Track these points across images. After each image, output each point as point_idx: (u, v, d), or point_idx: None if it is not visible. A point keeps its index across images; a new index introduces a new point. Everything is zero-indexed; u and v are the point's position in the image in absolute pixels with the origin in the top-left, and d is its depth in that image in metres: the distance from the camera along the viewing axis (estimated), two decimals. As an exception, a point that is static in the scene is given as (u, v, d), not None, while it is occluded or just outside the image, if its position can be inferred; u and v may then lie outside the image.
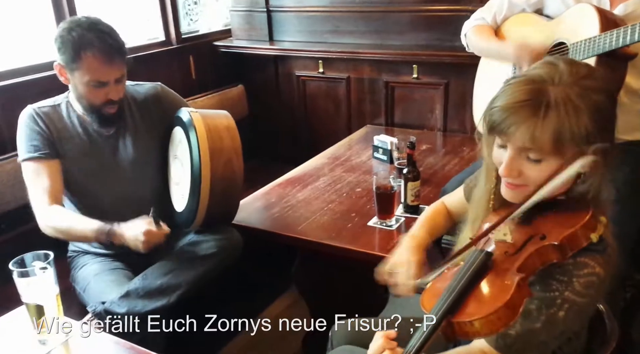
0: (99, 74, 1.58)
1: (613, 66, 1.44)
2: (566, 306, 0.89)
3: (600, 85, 0.90)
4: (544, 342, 0.93)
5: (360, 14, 2.84)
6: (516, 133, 0.88)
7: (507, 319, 0.82)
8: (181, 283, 1.60)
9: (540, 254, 0.88)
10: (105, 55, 1.56)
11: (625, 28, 1.35)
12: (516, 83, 0.91)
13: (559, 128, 0.85)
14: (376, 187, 1.74)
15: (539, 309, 0.91)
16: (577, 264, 0.90)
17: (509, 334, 0.92)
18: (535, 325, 0.91)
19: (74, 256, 1.81)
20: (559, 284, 0.90)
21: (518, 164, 0.91)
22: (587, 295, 0.90)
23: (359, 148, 2.51)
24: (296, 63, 3.05)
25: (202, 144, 1.60)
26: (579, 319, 0.94)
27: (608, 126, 0.91)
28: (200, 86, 3.00)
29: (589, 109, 0.86)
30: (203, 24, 3.19)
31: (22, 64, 2.25)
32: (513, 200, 0.97)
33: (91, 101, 1.63)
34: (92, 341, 1.20)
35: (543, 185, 0.90)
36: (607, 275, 0.91)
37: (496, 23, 1.83)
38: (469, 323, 0.83)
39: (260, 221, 1.90)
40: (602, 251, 0.90)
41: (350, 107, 2.98)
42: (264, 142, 3.24)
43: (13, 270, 1.12)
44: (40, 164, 1.63)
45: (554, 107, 0.85)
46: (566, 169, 0.88)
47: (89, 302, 1.61)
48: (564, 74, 0.89)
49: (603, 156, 0.89)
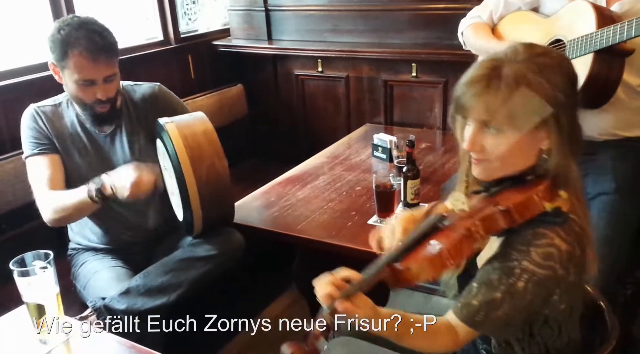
0: (85, 73, 1.58)
1: (610, 63, 1.45)
2: (525, 276, 0.92)
3: (555, 63, 0.94)
4: (507, 315, 0.94)
5: (359, 13, 2.84)
6: (473, 106, 0.94)
7: (441, 267, 0.90)
8: (182, 282, 1.60)
9: (489, 218, 0.92)
10: (91, 53, 1.56)
11: (622, 24, 1.35)
12: (479, 62, 0.97)
13: (508, 98, 0.90)
14: (376, 185, 1.74)
15: (499, 279, 0.94)
16: (535, 235, 0.93)
17: (471, 304, 0.96)
18: (496, 294, 0.94)
19: (74, 254, 1.82)
20: (517, 253, 0.93)
21: (480, 138, 0.96)
22: (546, 267, 0.91)
23: (359, 147, 2.51)
24: (295, 62, 3.05)
25: (181, 155, 1.58)
26: (541, 294, 0.94)
27: (565, 104, 0.93)
28: (199, 86, 3.00)
29: (540, 83, 0.91)
30: (201, 23, 3.19)
31: (21, 64, 2.25)
32: (480, 176, 1.01)
33: (82, 100, 1.64)
34: (93, 340, 1.21)
35: (506, 158, 0.95)
36: (571, 249, 0.92)
37: (492, 21, 1.83)
38: (406, 269, 0.92)
39: (260, 220, 1.90)
40: (561, 223, 0.92)
41: (350, 106, 2.98)
42: (263, 141, 3.24)
43: (13, 269, 1.12)
44: (41, 158, 1.67)
45: (505, 81, 0.91)
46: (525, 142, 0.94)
47: (89, 299, 1.61)
48: (520, 52, 0.94)
49: (562, 133, 0.93)
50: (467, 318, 0.97)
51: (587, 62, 1.45)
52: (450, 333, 1.00)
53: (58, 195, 1.61)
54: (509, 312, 0.94)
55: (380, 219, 1.78)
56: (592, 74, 1.44)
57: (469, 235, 0.91)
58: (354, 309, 0.93)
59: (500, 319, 0.95)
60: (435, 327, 1.01)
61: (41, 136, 1.68)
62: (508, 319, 0.95)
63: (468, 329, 0.98)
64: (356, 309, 0.93)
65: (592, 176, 1.60)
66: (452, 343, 1.00)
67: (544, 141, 0.95)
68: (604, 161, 1.59)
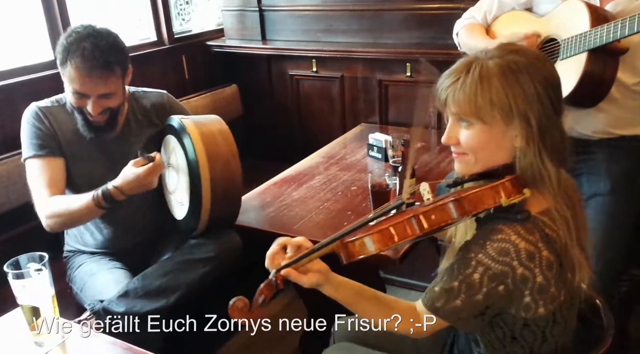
0: (77, 86, 1.55)
1: (605, 61, 1.46)
2: (480, 268, 0.94)
3: (527, 62, 0.95)
4: (463, 305, 0.96)
5: (353, 13, 2.84)
6: (446, 98, 0.98)
7: (383, 244, 0.94)
8: (180, 284, 1.59)
9: (440, 209, 0.93)
10: (86, 69, 1.52)
11: (615, 23, 1.36)
12: (460, 59, 1.01)
13: (473, 91, 0.94)
14: (371, 185, 1.74)
15: (458, 268, 0.97)
16: (493, 230, 0.95)
17: (433, 289, 1.01)
18: (454, 283, 0.97)
19: (69, 256, 1.80)
20: (475, 246, 0.96)
21: (455, 130, 1.00)
22: (502, 262, 0.93)
23: (354, 147, 2.51)
24: (289, 62, 3.05)
25: (198, 149, 1.59)
26: (498, 289, 0.94)
27: (536, 102, 0.94)
28: (193, 86, 2.99)
29: (505, 79, 0.93)
30: (195, 23, 3.18)
31: (13, 65, 2.23)
32: (459, 171, 1.04)
33: (76, 107, 1.61)
34: (89, 342, 1.20)
35: (478, 152, 0.98)
36: (531, 248, 0.93)
37: (487, 22, 1.84)
38: (351, 242, 0.96)
39: (255, 220, 1.90)
40: (521, 221, 0.93)
41: (344, 106, 2.98)
42: (258, 141, 3.23)
43: (8, 272, 1.11)
44: (43, 161, 1.61)
45: (471, 74, 0.95)
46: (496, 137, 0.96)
47: (87, 301, 1.60)
48: (493, 49, 0.98)
49: (531, 131, 0.94)
50: (428, 303, 1.01)
51: (581, 61, 1.46)
52: (412, 315, 1.03)
53: (60, 200, 1.57)
54: (465, 302, 0.97)
55: (377, 219, 1.78)
56: (586, 73, 1.45)
57: (416, 219, 0.93)
58: (297, 275, 1.00)
59: (458, 308, 0.97)
60: (393, 306, 1.06)
61: (46, 136, 1.62)
62: (465, 309, 0.97)
63: (429, 315, 1.01)
64: (300, 276, 1.00)
65: (587, 176, 1.61)
66: (414, 327, 1.03)
67: (516, 138, 0.97)
68: (598, 161, 1.59)
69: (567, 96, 1.49)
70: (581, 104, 1.54)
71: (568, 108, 1.59)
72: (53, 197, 1.57)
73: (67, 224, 1.63)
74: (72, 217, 1.57)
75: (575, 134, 1.62)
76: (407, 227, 0.93)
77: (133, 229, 1.77)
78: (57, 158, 1.63)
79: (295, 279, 1.01)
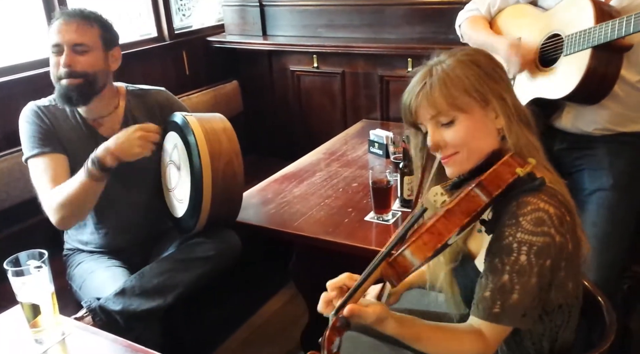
0: (54, 37, 1.57)
1: (608, 58, 1.44)
2: (524, 248, 0.91)
3: (474, 52, 1.03)
4: (521, 297, 0.92)
5: (354, 8, 2.82)
6: (418, 106, 1.00)
7: (433, 244, 0.89)
8: (177, 283, 1.59)
9: (467, 197, 0.92)
10: (67, 17, 1.57)
11: (620, 19, 1.34)
12: (416, 75, 1.03)
13: (444, 86, 0.97)
14: (372, 181, 1.73)
15: (500, 260, 0.93)
16: (519, 204, 0.93)
17: (484, 297, 0.95)
18: (504, 277, 0.93)
19: (69, 254, 1.80)
20: (509, 228, 0.93)
21: (438, 134, 1.01)
22: (541, 233, 0.91)
23: (355, 143, 2.50)
24: (290, 58, 3.03)
25: (202, 146, 1.59)
26: (546, 265, 0.92)
27: (501, 80, 1.00)
28: (194, 82, 2.98)
29: (468, 67, 0.98)
30: (196, 19, 3.17)
31: (12, 62, 2.22)
32: (454, 173, 1.03)
33: (53, 73, 1.60)
34: (88, 339, 1.20)
35: (469, 144, 0.99)
36: (559, 212, 0.92)
37: (490, 14, 1.82)
38: (400, 256, 0.91)
39: (256, 217, 1.90)
40: (539, 186, 0.93)
41: (346, 101, 2.97)
42: (259, 138, 3.23)
43: (8, 269, 1.11)
44: (46, 159, 1.60)
45: (436, 74, 0.99)
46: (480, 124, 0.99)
47: (85, 299, 1.60)
48: (445, 54, 1.03)
49: (508, 107, 0.98)
50: (485, 313, 0.95)
51: (584, 57, 1.44)
52: (476, 335, 0.97)
53: (59, 190, 1.54)
54: (522, 293, 0.92)
55: (377, 216, 1.77)
56: (589, 70, 1.44)
57: (452, 211, 0.91)
58: (360, 309, 0.91)
59: (518, 304, 0.93)
60: (456, 330, 1.00)
61: (46, 134, 1.61)
62: (525, 301, 0.93)
63: (492, 326, 0.95)
64: (362, 308, 0.91)
65: (589, 172, 1.60)
66: (482, 345, 0.96)
67: (496, 120, 1.00)
68: (600, 157, 1.58)
69: (570, 92, 1.48)
70: (584, 100, 1.53)
71: (570, 105, 1.59)
72: (53, 190, 1.55)
73: (75, 212, 1.57)
74: (75, 202, 1.53)
75: (577, 131, 1.62)
76: (447, 221, 0.90)
77: (132, 227, 1.76)
78: (60, 154, 1.62)
79: (360, 313, 0.91)
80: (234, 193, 1.70)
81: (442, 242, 0.89)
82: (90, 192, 1.54)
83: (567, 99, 1.51)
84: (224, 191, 1.63)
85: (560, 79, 1.53)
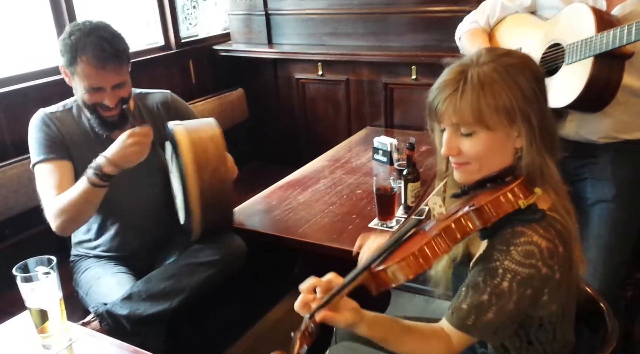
0: (92, 81, 1.57)
1: (610, 66, 1.44)
2: (508, 276, 0.93)
3: (519, 62, 0.97)
4: (496, 317, 0.94)
5: (358, 16, 2.85)
6: (444, 110, 0.97)
7: (417, 267, 0.91)
8: (184, 287, 1.60)
9: (463, 218, 0.92)
10: (99, 61, 1.55)
11: (622, 28, 1.35)
12: (448, 68, 1.00)
13: (476, 99, 0.93)
14: (376, 188, 1.74)
15: (484, 281, 0.95)
16: (514, 234, 0.94)
17: (461, 307, 0.97)
18: (483, 297, 0.95)
19: (76, 260, 1.82)
20: (499, 254, 0.94)
21: (455, 141, 0.99)
22: (528, 265, 0.92)
23: (359, 150, 2.51)
24: (295, 66, 3.06)
25: (187, 159, 1.59)
26: (527, 294, 0.94)
27: (533, 100, 0.96)
28: (200, 90, 3.01)
29: (505, 82, 0.94)
30: (202, 28, 3.20)
31: (23, 70, 2.26)
32: (461, 180, 1.03)
33: (90, 104, 1.63)
34: (95, 345, 1.21)
35: (483, 159, 0.98)
36: (552, 246, 0.93)
37: (489, 25, 1.83)
38: (383, 271, 0.93)
39: (261, 224, 1.91)
40: (538, 219, 0.93)
41: (350, 109, 2.99)
42: (264, 145, 3.25)
43: (16, 275, 1.13)
44: (51, 165, 1.63)
45: (470, 82, 0.94)
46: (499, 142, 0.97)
47: (92, 305, 1.61)
48: (484, 55, 0.98)
49: (532, 129, 0.95)
50: (458, 323, 0.98)
51: (586, 65, 1.45)
52: (443, 339, 1.00)
53: (61, 196, 1.57)
54: (497, 314, 0.94)
55: (381, 222, 1.78)
56: (592, 78, 1.44)
57: (442, 236, 0.92)
58: (332, 316, 0.93)
59: (491, 322, 0.95)
60: (425, 332, 1.02)
61: (54, 141, 1.64)
62: (498, 321, 0.95)
63: (461, 334, 0.98)
64: (335, 315, 0.94)
65: (591, 181, 1.60)
66: (446, 349, 1.00)
67: (517, 139, 0.98)
68: (603, 165, 1.58)
69: (573, 100, 1.49)
70: (587, 108, 1.54)
71: (573, 113, 1.60)
72: (56, 197, 1.58)
73: (74, 218, 1.58)
74: (76, 209, 1.55)
75: (580, 139, 1.62)
76: (436, 246, 0.91)
77: (142, 232, 1.78)
78: (65, 161, 1.65)
79: (331, 320, 0.93)
80: (225, 200, 1.70)
81: (428, 266, 0.91)
82: (91, 199, 1.56)
83: (570, 107, 1.52)
84: (214, 198, 1.64)
85: (563, 87, 1.53)
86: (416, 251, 0.91)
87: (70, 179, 1.63)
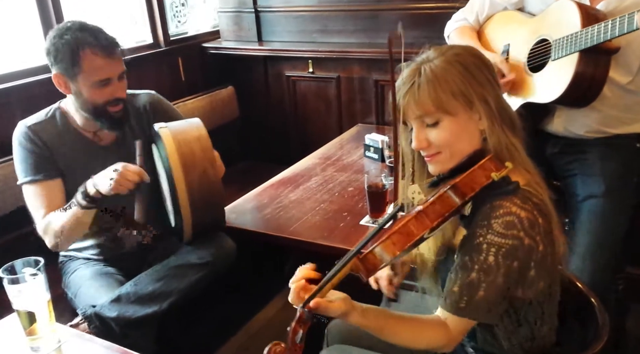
0: (101, 72, 1.55)
1: (596, 61, 1.45)
2: (492, 249, 0.95)
3: (465, 51, 1.05)
4: (487, 294, 0.96)
5: (348, 13, 2.84)
6: (406, 104, 1.02)
7: (402, 243, 0.93)
8: (173, 290, 1.59)
9: (441, 198, 0.95)
10: (105, 49, 1.54)
11: (605, 23, 1.36)
12: (405, 69, 1.05)
13: (432, 88, 0.99)
14: (368, 186, 1.74)
15: (470, 259, 0.97)
16: (492, 207, 0.97)
17: (452, 291, 0.99)
18: (472, 275, 0.97)
19: (65, 262, 1.80)
20: (481, 229, 0.97)
21: (423, 134, 1.03)
22: (510, 236, 0.94)
23: (350, 147, 2.51)
24: (286, 63, 3.05)
25: (173, 161, 1.57)
26: (513, 266, 0.95)
27: (486, 82, 1.02)
28: (189, 88, 2.99)
29: (456, 69, 1.00)
30: (191, 25, 3.18)
31: (6, 70, 2.22)
32: (436, 171, 1.06)
33: (97, 103, 1.58)
34: (84, 346, 1.20)
35: (452, 145, 1.01)
36: (531, 216, 0.95)
37: (478, 22, 1.83)
38: (370, 253, 0.95)
39: (252, 222, 1.90)
40: (513, 191, 0.96)
41: (341, 106, 2.98)
42: (254, 143, 3.24)
43: (3, 277, 1.12)
44: (39, 186, 1.61)
45: (424, 75, 1.01)
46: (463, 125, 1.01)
47: (80, 307, 1.60)
48: (432, 52, 1.06)
49: (491, 109, 1.00)
50: (451, 306, 1.00)
51: (572, 61, 1.46)
52: (440, 326, 1.01)
53: (53, 218, 1.57)
54: (488, 290, 0.96)
55: (373, 220, 1.78)
56: (578, 73, 1.45)
57: (424, 212, 0.94)
58: (325, 304, 0.95)
59: (483, 300, 0.97)
60: (421, 320, 1.04)
61: (40, 159, 1.60)
62: (490, 298, 0.97)
63: (457, 319, 1.00)
64: (327, 303, 0.95)
65: (581, 178, 1.61)
66: (444, 336, 1.01)
67: (479, 121, 1.02)
68: (592, 161, 1.59)
69: (560, 95, 1.49)
70: (574, 103, 1.54)
71: (561, 108, 1.61)
72: (46, 216, 1.58)
73: (68, 239, 1.61)
74: (68, 231, 1.57)
75: (569, 134, 1.63)
76: (417, 223, 0.94)
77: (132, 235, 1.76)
78: (54, 180, 1.62)
79: (324, 308, 0.95)
80: (215, 201, 1.68)
81: (411, 242, 0.93)
82: (83, 220, 1.57)
83: (557, 102, 1.53)
84: (203, 200, 1.62)
85: (550, 83, 1.54)
86: (399, 228, 0.94)
87: (60, 197, 1.62)
